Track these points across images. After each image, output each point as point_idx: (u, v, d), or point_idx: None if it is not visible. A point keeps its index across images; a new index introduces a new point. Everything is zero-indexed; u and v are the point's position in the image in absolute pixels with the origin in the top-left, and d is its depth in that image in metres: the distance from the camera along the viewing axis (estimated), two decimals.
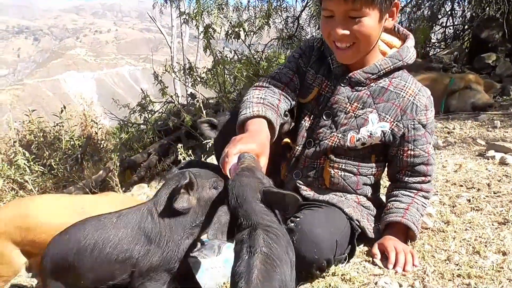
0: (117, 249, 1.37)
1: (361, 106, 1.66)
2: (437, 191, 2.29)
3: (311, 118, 1.74)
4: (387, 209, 1.74)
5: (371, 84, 1.67)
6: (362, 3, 1.47)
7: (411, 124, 1.66)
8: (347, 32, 1.53)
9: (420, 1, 6.71)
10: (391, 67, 1.65)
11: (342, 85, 1.67)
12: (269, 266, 1.04)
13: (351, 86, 1.66)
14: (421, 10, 6.82)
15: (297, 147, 1.78)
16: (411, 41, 1.71)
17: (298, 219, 1.54)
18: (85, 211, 1.60)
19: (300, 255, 1.41)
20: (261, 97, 1.64)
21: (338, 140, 1.67)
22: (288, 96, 1.72)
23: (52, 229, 1.54)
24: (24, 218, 1.66)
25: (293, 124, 1.79)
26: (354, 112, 1.66)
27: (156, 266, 1.39)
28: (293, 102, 1.75)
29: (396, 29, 1.76)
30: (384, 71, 1.65)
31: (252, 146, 1.35)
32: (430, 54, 7.12)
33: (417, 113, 1.66)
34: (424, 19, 6.64)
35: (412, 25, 6.71)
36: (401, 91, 1.66)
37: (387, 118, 1.66)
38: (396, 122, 1.66)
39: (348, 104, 1.66)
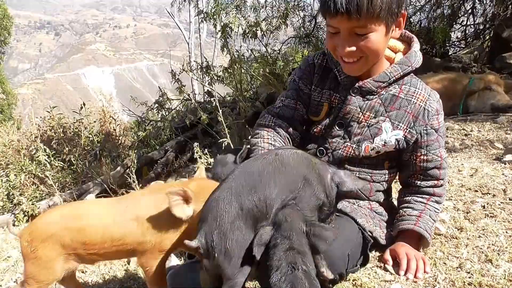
0: None
1: (373, 115, 1.67)
2: (452, 196, 2.28)
3: (324, 127, 1.75)
4: (399, 216, 1.75)
5: (382, 92, 1.67)
6: (367, 20, 1.45)
7: (423, 130, 1.66)
8: (353, 48, 1.53)
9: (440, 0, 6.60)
10: (401, 73, 1.65)
11: (353, 95, 1.67)
12: (310, 281, 1.16)
13: (362, 95, 1.67)
14: (441, 9, 6.71)
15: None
16: (417, 45, 1.71)
17: None
18: (128, 208, 1.56)
19: None
20: (271, 143, 1.73)
21: (352, 151, 1.68)
22: (293, 135, 1.81)
23: (103, 230, 1.53)
24: (76, 220, 1.57)
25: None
26: (367, 121, 1.67)
27: None
28: (299, 135, 1.83)
29: None
30: (394, 78, 1.65)
31: None
32: (449, 54, 7.01)
33: (429, 119, 1.66)
34: (444, 18, 6.53)
35: (431, 23, 6.62)
36: (412, 97, 1.66)
37: (401, 126, 1.66)
38: (409, 129, 1.66)
39: (361, 113, 1.67)
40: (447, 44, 6.87)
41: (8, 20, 20.22)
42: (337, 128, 1.71)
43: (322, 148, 1.74)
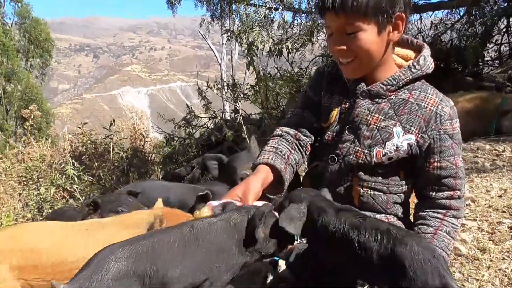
0: None
1: (382, 118, 1.63)
2: (477, 217, 2.17)
3: (334, 134, 1.73)
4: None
5: (391, 96, 1.64)
6: (355, 17, 1.48)
7: (436, 135, 1.61)
8: (344, 47, 1.55)
9: (472, 18, 6.46)
10: (410, 77, 1.62)
11: (361, 98, 1.65)
12: None
13: (370, 99, 1.65)
14: (474, 28, 6.56)
15: (318, 163, 1.76)
16: (427, 51, 1.68)
17: None
18: (90, 232, 1.42)
19: None
20: (274, 146, 1.76)
21: (364, 156, 1.64)
22: (301, 142, 1.80)
23: (57, 251, 1.37)
24: (19, 239, 1.39)
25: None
26: (376, 124, 1.63)
27: None
28: (309, 141, 1.82)
29: (409, 41, 1.74)
30: (403, 81, 1.62)
31: (236, 193, 1.56)
32: (482, 73, 6.82)
33: (441, 123, 1.61)
34: (477, 36, 6.39)
35: (463, 42, 6.47)
36: (422, 102, 1.62)
37: (412, 130, 1.61)
38: (421, 134, 1.61)
39: (369, 115, 1.64)
40: (480, 63, 6.69)
41: (50, 43, 21.22)
42: (347, 133, 1.68)
43: (333, 155, 1.71)
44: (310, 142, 1.83)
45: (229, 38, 5.23)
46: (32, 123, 7.92)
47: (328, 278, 1.34)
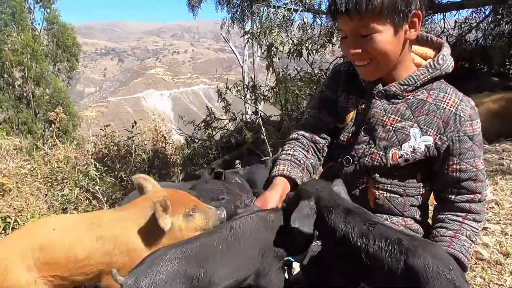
0: None
1: (399, 119, 1.58)
2: (500, 220, 2.10)
3: (349, 135, 1.70)
4: (432, 237, 1.61)
5: (409, 97, 1.59)
6: (369, 20, 1.43)
7: (455, 136, 1.55)
8: (358, 50, 1.50)
9: (498, 17, 6.28)
10: (428, 77, 1.57)
11: (377, 98, 1.61)
12: None
13: (387, 99, 1.60)
14: (500, 26, 6.37)
15: (333, 163, 1.74)
16: (446, 49, 1.63)
17: None
18: (102, 226, 1.43)
19: None
20: (289, 153, 1.76)
21: (379, 158, 1.60)
22: (317, 145, 1.79)
23: (67, 249, 1.38)
24: (36, 238, 1.40)
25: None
26: (392, 125, 1.59)
27: None
28: (326, 143, 1.81)
29: (429, 39, 1.69)
30: (421, 81, 1.57)
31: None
32: (509, 73, 6.62)
33: (461, 124, 1.55)
34: (503, 35, 6.20)
35: (488, 41, 6.30)
36: (441, 103, 1.57)
37: (430, 132, 1.56)
38: (439, 135, 1.56)
39: (385, 116, 1.60)
40: (507, 63, 6.49)
41: (76, 47, 21.71)
42: (362, 134, 1.64)
43: (348, 156, 1.67)
44: (326, 144, 1.81)
45: (249, 40, 5.24)
46: (59, 126, 8.08)
47: (334, 278, 1.32)
